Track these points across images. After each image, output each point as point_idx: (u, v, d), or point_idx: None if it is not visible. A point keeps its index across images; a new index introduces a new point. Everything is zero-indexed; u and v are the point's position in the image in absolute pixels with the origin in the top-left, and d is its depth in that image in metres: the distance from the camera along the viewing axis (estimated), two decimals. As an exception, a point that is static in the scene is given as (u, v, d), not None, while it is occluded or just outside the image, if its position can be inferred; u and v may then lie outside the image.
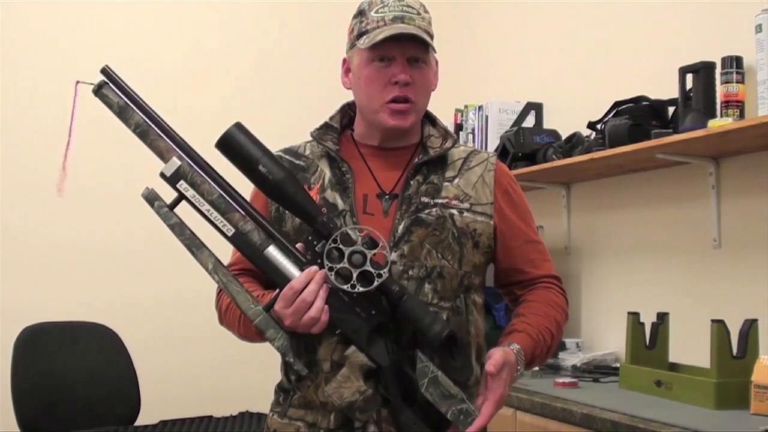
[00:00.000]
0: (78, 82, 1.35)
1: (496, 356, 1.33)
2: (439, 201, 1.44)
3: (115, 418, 2.81)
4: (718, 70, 2.21)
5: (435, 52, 1.48)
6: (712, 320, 1.98)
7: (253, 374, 2.39)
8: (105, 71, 1.33)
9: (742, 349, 1.97)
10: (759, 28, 2.04)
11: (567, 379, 2.35)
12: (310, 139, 1.52)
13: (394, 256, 1.38)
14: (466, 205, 1.45)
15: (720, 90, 2.19)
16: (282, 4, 3.78)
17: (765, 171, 2.23)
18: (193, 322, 3.03)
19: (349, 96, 1.55)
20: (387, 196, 1.45)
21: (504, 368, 1.32)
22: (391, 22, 1.40)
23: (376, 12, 1.42)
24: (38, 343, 2.83)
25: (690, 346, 2.27)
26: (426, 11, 1.46)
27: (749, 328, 1.98)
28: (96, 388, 2.87)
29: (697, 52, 2.31)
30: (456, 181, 1.48)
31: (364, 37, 1.42)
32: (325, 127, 1.52)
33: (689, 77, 2.30)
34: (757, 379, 1.86)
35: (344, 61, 1.52)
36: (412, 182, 1.45)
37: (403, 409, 1.32)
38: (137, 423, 2.85)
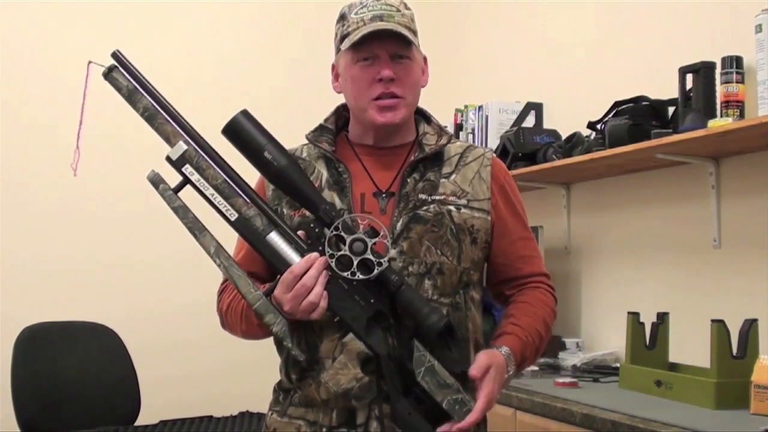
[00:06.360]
0: (90, 63, 1.34)
1: (479, 360, 1.35)
2: (437, 197, 1.45)
3: (115, 418, 2.81)
4: (718, 70, 2.21)
5: (418, 47, 1.48)
6: (712, 320, 1.97)
7: (254, 374, 2.39)
8: (115, 55, 1.33)
9: (742, 349, 1.97)
10: (759, 28, 2.04)
11: (567, 379, 2.35)
12: (307, 141, 1.52)
13: (393, 252, 1.38)
14: (463, 201, 1.46)
15: (720, 90, 2.19)
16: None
17: (765, 171, 2.23)
18: (194, 322, 3.03)
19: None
20: (384, 195, 1.46)
21: (490, 369, 1.33)
22: (370, 21, 1.41)
23: (356, 14, 1.44)
24: (38, 343, 2.83)
25: (690, 346, 2.28)
26: (407, 8, 1.47)
27: (749, 328, 1.98)
28: (96, 388, 2.88)
29: (697, 52, 2.31)
30: (453, 177, 1.48)
31: (346, 39, 1.43)
32: (320, 129, 1.53)
33: (689, 77, 2.30)
34: (757, 379, 1.86)
35: (333, 67, 1.53)
36: (408, 180, 1.46)
37: (398, 398, 1.32)
38: (137, 423, 2.86)
